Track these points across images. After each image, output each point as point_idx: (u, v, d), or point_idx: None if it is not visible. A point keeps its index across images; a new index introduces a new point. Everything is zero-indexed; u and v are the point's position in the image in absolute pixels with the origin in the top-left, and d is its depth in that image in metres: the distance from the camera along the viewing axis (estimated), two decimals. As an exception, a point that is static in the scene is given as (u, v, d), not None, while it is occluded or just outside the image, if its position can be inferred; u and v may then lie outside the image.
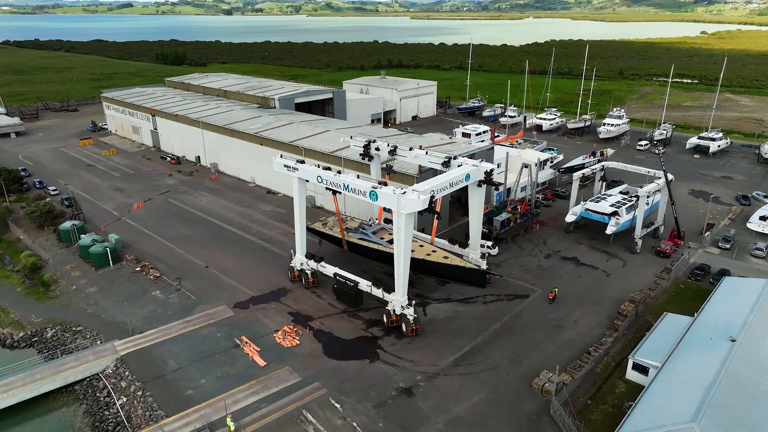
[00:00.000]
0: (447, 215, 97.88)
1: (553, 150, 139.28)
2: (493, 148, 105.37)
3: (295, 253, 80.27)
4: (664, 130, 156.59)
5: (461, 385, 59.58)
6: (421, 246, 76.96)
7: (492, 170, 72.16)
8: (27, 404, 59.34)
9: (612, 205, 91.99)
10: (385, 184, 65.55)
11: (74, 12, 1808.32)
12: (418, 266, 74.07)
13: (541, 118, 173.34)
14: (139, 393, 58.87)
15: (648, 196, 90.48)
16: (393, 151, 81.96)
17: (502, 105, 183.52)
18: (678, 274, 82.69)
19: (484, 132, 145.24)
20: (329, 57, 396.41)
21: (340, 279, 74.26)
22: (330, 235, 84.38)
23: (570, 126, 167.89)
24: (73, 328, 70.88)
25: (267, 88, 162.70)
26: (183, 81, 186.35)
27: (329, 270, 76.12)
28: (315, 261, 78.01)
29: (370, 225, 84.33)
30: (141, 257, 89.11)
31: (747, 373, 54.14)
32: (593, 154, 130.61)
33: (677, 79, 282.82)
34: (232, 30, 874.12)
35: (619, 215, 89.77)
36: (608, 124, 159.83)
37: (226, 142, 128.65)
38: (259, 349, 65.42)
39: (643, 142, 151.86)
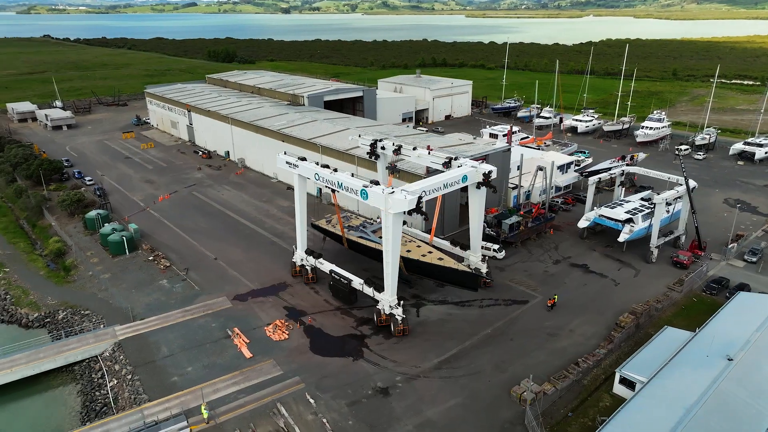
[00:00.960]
0: (457, 217, 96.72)
1: (584, 153, 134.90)
2: (509, 149, 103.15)
3: (296, 249, 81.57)
4: (707, 134, 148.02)
5: (440, 389, 58.89)
6: (419, 246, 76.52)
7: (490, 172, 70.78)
8: (28, 381, 63.06)
9: (628, 212, 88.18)
10: (377, 183, 65.55)
11: (143, 11, 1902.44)
12: (412, 266, 73.81)
13: (576, 120, 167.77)
14: (129, 377, 61.51)
15: (669, 204, 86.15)
16: (397, 151, 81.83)
17: (539, 106, 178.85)
18: (692, 286, 78.36)
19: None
20: (375, 55, 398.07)
21: (336, 276, 74.83)
22: (333, 233, 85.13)
23: (606, 128, 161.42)
24: (82, 312, 74.77)
25: (299, 85, 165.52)
26: (221, 78, 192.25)
27: (326, 266, 76.86)
28: (314, 257, 78.95)
29: (372, 224, 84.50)
30: (156, 247, 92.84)
31: (738, 394, 50.90)
32: (623, 157, 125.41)
33: (737, 81, 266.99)
34: (287, 28, 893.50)
35: (633, 222, 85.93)
36: (646, 127, 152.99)
37: (252, 137, 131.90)
38: (248, 341, 66.93)
39: (683, 147, 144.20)
